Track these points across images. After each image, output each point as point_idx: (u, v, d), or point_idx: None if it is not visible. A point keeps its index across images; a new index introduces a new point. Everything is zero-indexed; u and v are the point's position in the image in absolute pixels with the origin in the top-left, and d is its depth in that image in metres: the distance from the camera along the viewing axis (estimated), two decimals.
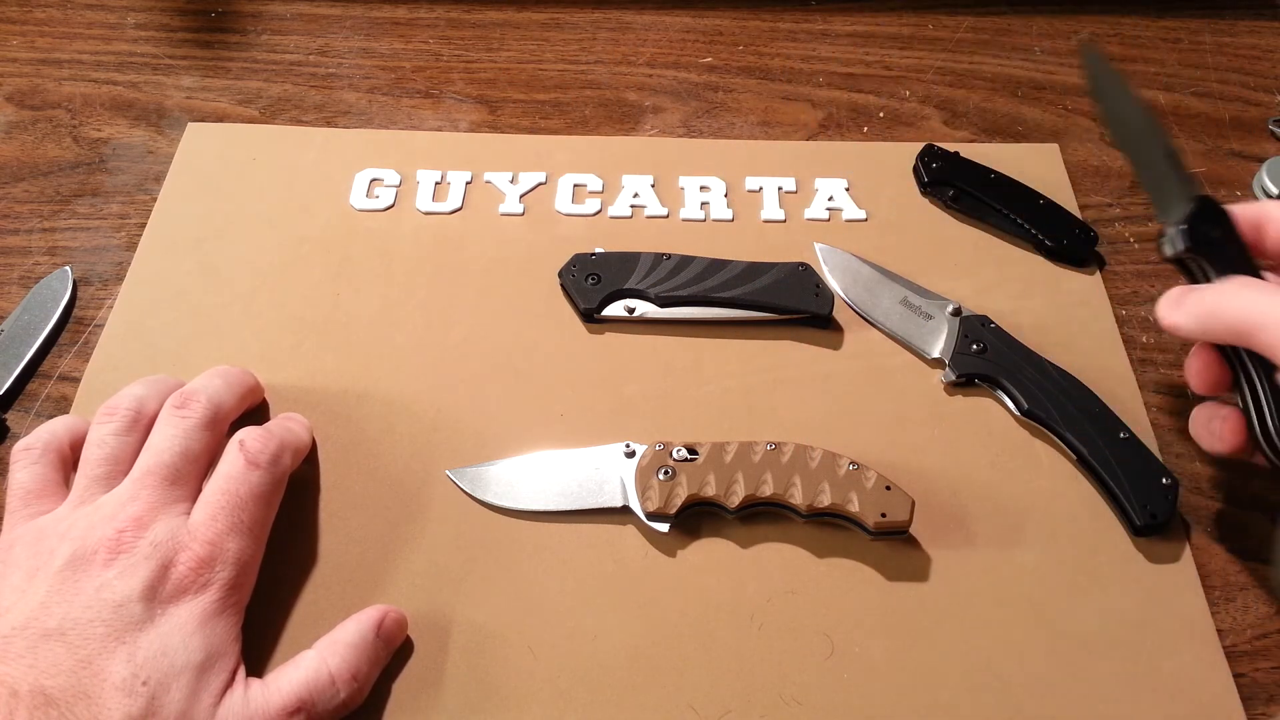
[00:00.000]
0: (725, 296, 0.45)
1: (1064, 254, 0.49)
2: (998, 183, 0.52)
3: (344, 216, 0.51)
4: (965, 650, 0.37)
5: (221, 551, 0.34)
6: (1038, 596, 0.39)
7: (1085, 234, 0.50)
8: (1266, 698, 0.37)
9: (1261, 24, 0.63)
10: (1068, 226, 0.50)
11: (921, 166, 0.53)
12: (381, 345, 0.46)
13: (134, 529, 0.33)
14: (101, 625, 0.31)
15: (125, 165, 0.53)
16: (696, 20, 0.62)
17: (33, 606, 0.32)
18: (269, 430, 0.38)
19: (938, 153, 0.53)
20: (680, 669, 0.37)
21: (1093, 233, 0.50)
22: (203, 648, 0.32)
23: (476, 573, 0.39)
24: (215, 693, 0.32)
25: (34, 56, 0.59)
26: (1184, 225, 0.37)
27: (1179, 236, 0.37)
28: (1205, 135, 0.56)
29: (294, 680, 0.33)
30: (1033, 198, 0.51)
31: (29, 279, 0.48)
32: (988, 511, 0.41)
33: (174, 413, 0.37)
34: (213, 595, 0.33)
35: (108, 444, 0.37)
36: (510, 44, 0.60)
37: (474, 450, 0.42)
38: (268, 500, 0.37)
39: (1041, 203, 0.51)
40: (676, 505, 0.39)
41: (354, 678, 0.34)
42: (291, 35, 0.61)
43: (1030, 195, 0.51)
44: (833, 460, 0.40)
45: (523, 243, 0.50)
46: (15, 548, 0.34)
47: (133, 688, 0.31)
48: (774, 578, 0.39)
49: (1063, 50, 0.61)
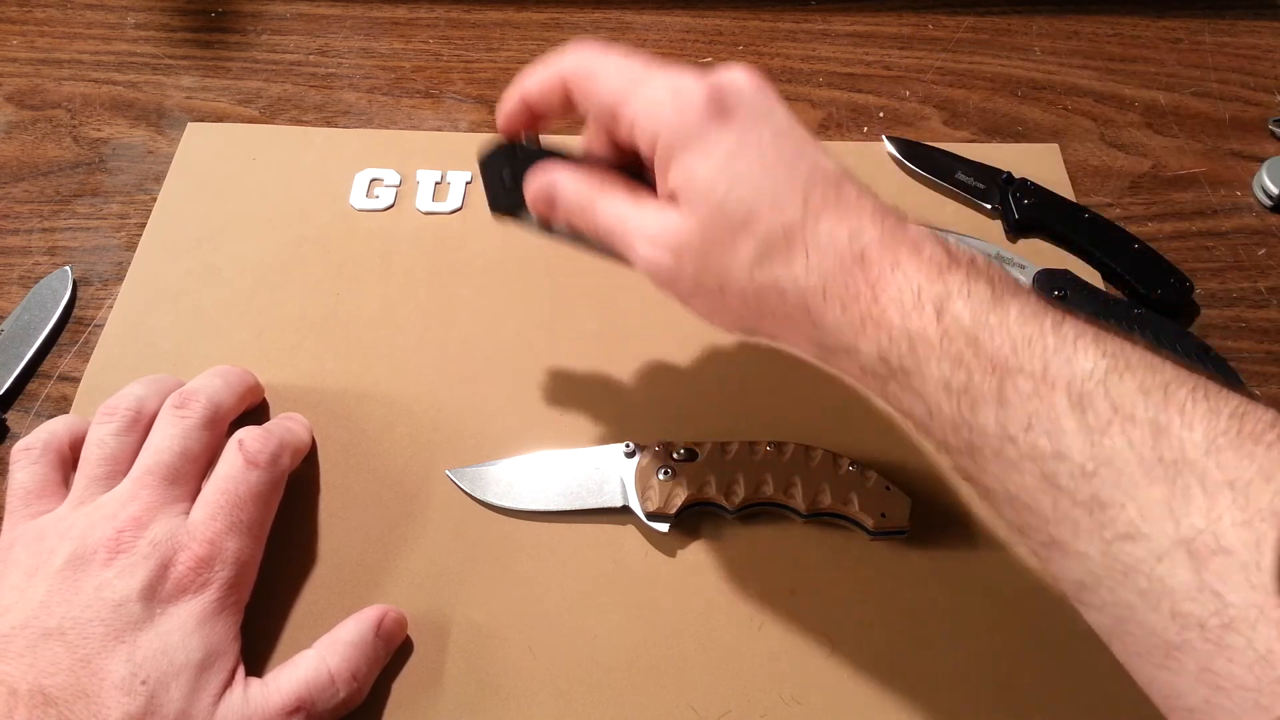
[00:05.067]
0: None
1: (1157, 305, 0.47)
2: (1091, 223, 0.49)
3: (344, 216, 0.51)
4: (965, 650, 0.37)
5: (221, 551, 0.34)
6: (1038, 596, 0.39)
7: (1180, 284, 0.47)
8: None
9: (1261, 24, 0.63)
10: (1162, 275, 0.47)
11: (1013, 203, 0.50)
12: (381, 345, 0.46)
13: (133, 528, 0.33)
14: (101, 624, 0.31)
15: (125, 165, 0.53)
16: (696, 20, 0.62)
17: (32, 606, 0.32)
18: (268, 430, 0.38)
19: (1031, 189, 0.49)
20: (680, 669, 0.37)
21: (1188, 283, 0.47)
22: (202, 647, 0.32)
23: (476, 573, 0.39)
24: (214, 692, 0.32)
25: (34, 56, 0.59)
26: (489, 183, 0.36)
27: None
28: (1205, 135, 0.56)
29: (294, 679, 0.33)
30: (1126, 241, 0.49)
31: (29, 279, 0.48)
32: (988, 511, 0.41)
33: (173, 412, 0.37)
34: (212, 594, 0.33)
35: (107, 444, 0.37)
36: (510, 44, 0.60)
37: (474, 450, 0.42)
38: (267, 500, 0.37)
39: (1136, 247, 0.48)
40: (676, 505, 0.39)
41: (354, 677, 0.34)
42: (291, 35, 0.61)
43: (1124, 239, 0.49)
44: (833, 460, 0.40)
45: (522, 243, 0.50)
46: (15, 547, 0.34)
47: (132, 687, 0.31)
48: (774, 578, 0.39)
49: (1063, 50, 0.61)
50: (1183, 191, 0.53)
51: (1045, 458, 0.25)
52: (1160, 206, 0.53)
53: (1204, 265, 0.50)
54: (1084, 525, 0.24)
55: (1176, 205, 0.53)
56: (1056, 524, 0.25)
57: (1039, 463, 0.25)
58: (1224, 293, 0.49)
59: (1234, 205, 0.53)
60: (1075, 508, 0.24)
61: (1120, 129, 0.56)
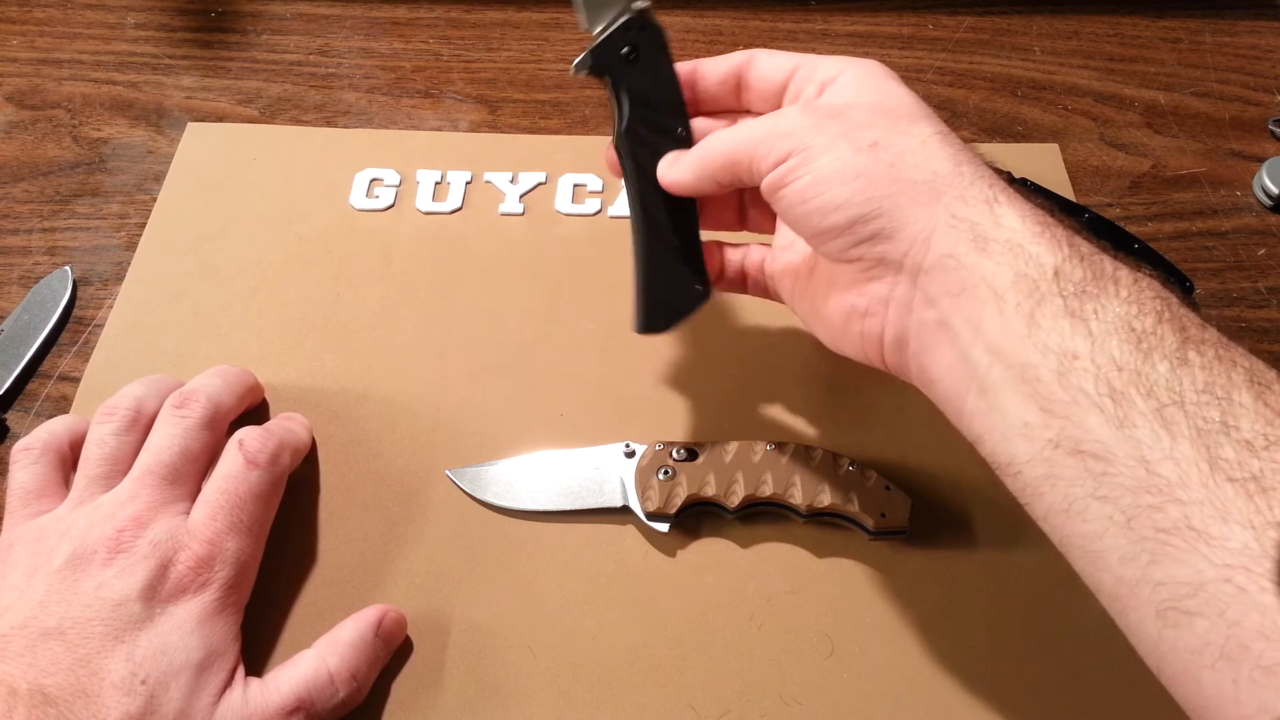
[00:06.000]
0: None
1: None
2: (1091, 223, 0.49)
3: (344, 216, 0.51)
4: (965, 650, 0.37)
5: (221, 551, 0.34)
6: (1038, 596, 0.39)
7: (1181, 284, 0.47)
8: None
9: (1261, 24, 0.63)
10: (1162, 275, 0.47)
11: None
12: (381, 345, 0.46)
13: (133, 528, 0.33)
14: (100, 624, 0.31)
15: (125, 165, 0.53)
16: (696, 20, 0.62)
17: (31, 605, 0.32)
18: (268, 430, 0.38)
19: (1030, 189, 0.48)
20: (680, 669, 0.37)
21: (1189, 283, 0.47)
22: (202, 646, 0.32)
23: (476, 573, 0.39)
24: (214, 692, 0.32)
25: (34, 56, 0.59)
26: (601, 43, 0.36)
27: (589, 54, 0.36)
28: (1205, 135, 0.56)
29: (293, 679, 0.33)
30: (1126, 241, 0.48)
31: (29, 279, 0.48)
32: (988, 511, 0.41)
33: (173, 412, 0.37)
34: (212, 594, 0.33)
35: (107, 444, 0.37)
36: (510, 44, 0.60)
37: (474, 450, 0.42)
38: (267, 499, 0.37)
39: (1136, 247, 0.48)
40: (676, 505, 0.39)
41: (353, 677, 0.34)
42: (291, 35, 0.61)
43: (1124, 239, 0.48)
44: (833, 460, 0.40)
45: (523, 243, 0.50)
46: (15, 547, 0.34)
47: (131, 686, 0.31)
48: (774, 578, 0.39)
49: (1062, 50, 0.61)
50: (1183, 191, 0.53)
51: None
52: (1160, 206, 0.53)
53: (1204, 265, 0.50)
54: None
55: (1176, 205, 0.53)
56: None
57: None
58: (1224, 293, 0.49)
59: (1234, 205, 0.53)
60: None
61: (1120, 129, 0.56)
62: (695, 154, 0.35)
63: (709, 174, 0.34)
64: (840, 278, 0.32)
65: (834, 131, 0.31)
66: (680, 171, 0.35)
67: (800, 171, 0.31)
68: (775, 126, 0.32)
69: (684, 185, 0.35)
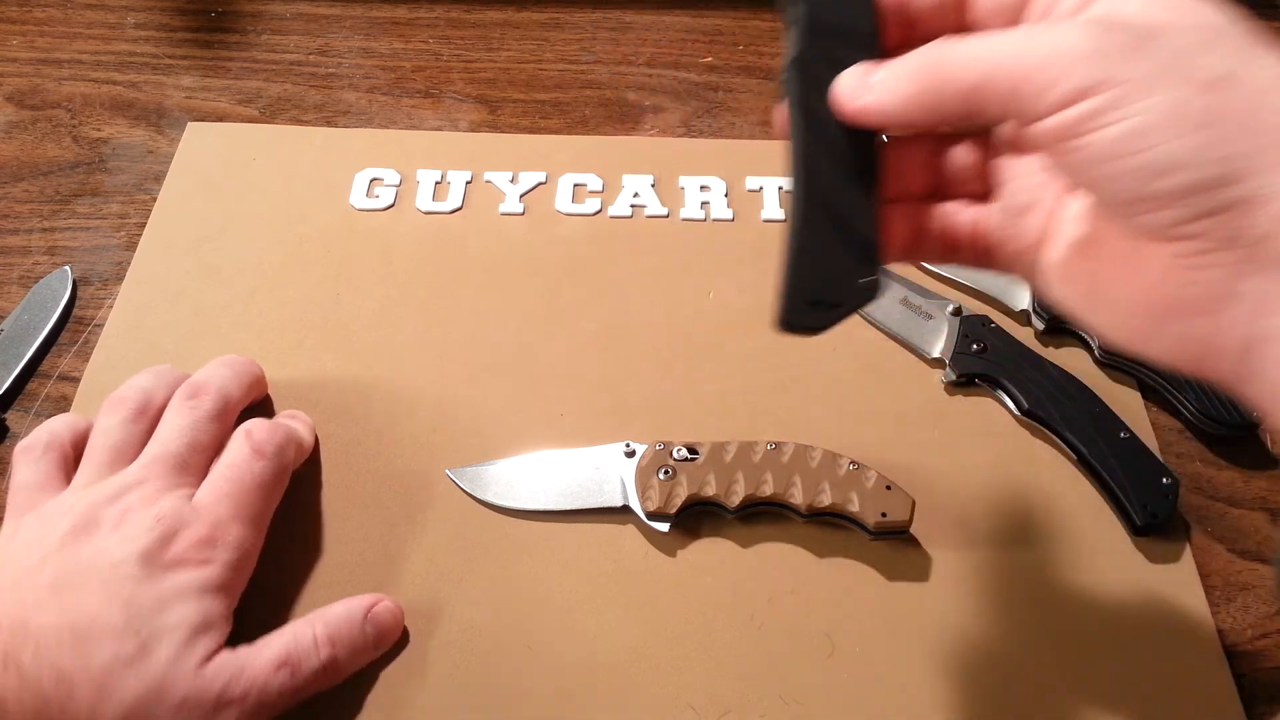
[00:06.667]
0: None
1: None
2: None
3: (344, 216, 0.51)
4: (965, 650, 0.37)
5: (224, 534, 0.34)
6: (1038, 596, 0.39)
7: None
8: (1267, 698, 0.37)
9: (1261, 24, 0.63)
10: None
11: None
12: (382, 345, 0.46)
13: (139, 505, 0.34)
14: (98, 580, 0.32)
15: (125, 165, 0.53)
16: (696, 20, 0.62)
17: (33, 562, 0.32)
18: (275, 422, 0.39)
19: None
20: (680, 669, 0.37)
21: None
22: (199, 613, 0.33)
23: (476, 572, 0.39)
24: (204, 654, 0.32)
25: (34, 56, 0.59)
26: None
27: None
28: None
29: (282, 637, 0.34)
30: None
31: (29, 279, 0.48)
32: (988, 511, 0.41)
33: (185, 403, 0.37)
34: (212, 572, 0.34)
35: (114, 433, 0.37)
36: (510, 44, 0.60)
37: (474, 450, 0.42)
38: (270, 491, 0.37)
39: None
40: (676, 505, 0.39)
41: (331, 642, 0.34)
42: (291, 35, 0.61)
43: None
44: (833, 460, 0.40)
45: (523, 243, 0.50)
46: (20, 531, 0.34)
47: (125, 634, 0.31)
48: (774, 578, 0.39)
49: None
50: None
51: None
52: None
53: None
54: None
55: None
56: None
57: None
58: None
59: None
60: None
61: None
62: (912, 64, 0.25)
63: (933, 97, 0.24)
64: (1153, 259, 0.23)
65: (1156, 60, 0.22)
66: (885, 88, 0.25)
67: (1111, 115, 0.22)
68: (1063, 45, 0.22)
69: (887, 108, 0.25)
